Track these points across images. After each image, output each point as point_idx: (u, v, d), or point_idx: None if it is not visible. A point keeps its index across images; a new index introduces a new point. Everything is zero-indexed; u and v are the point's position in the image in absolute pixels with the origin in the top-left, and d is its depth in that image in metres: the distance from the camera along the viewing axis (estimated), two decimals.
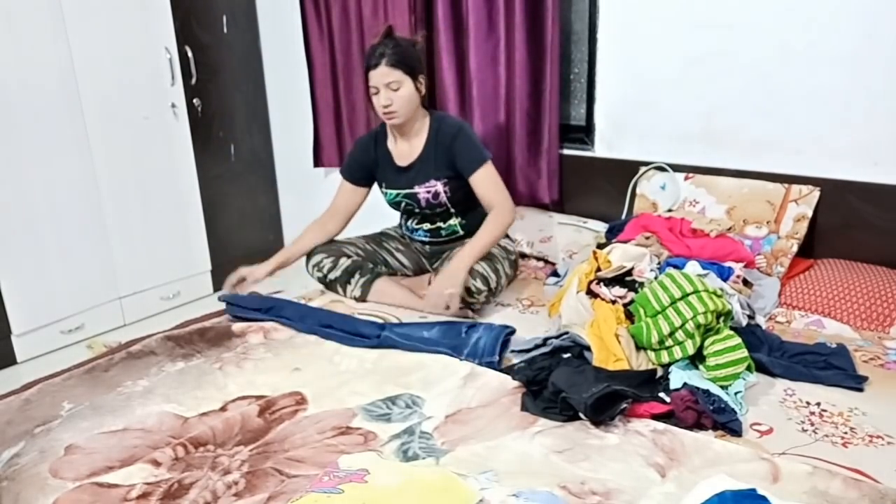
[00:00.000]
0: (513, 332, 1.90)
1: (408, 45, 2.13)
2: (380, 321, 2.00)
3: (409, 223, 2.40)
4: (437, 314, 2.05)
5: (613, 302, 1.80)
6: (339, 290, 2.26)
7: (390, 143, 2.27)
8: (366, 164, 2.31)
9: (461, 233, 2.32)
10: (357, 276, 2.23)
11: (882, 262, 2.15)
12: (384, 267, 2.35)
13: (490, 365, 1.75)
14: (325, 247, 2.30)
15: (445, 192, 2.22)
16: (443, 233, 2.33)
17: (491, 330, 1.87)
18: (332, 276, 2.25)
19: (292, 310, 2.06)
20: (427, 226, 2.34)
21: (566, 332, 1.77)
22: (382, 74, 2.06)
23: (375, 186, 2.38)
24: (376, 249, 2.37)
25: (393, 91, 2.07)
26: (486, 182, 2.16)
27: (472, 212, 2.28)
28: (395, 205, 2.34)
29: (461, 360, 1.76)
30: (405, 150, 2.24)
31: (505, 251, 2.27)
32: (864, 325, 1.92)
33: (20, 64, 2.64)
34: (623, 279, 1.89)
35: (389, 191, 2.31)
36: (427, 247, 2.40)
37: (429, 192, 2.23)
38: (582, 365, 1.64)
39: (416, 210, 2.30)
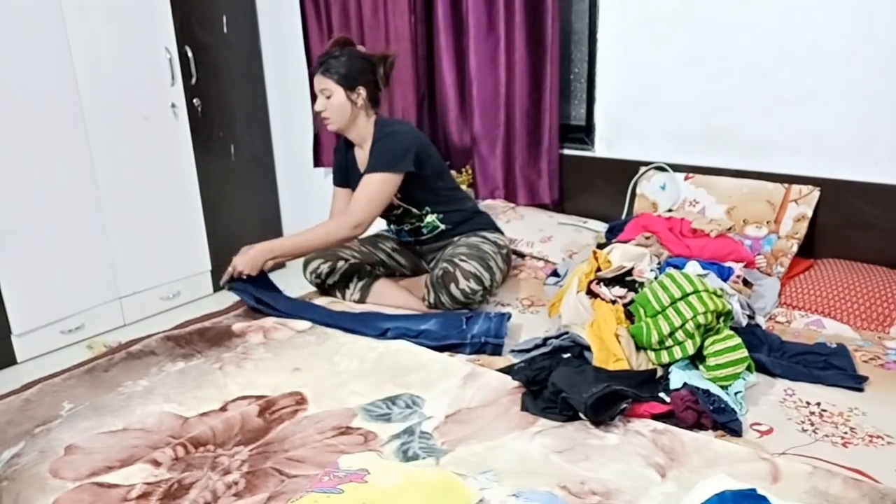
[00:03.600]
0: (510, 316, 1.96)
1: (350, 58, 2.13)
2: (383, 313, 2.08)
3: (391, 227, 2.42)
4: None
5: (613, 302, 1.80)
6: (338, 294, 2.26)
7: (356, 150, 2.29)
8: (342, 168, 2.35)
9: (443, 227, 2.29)
10: (355, 279, 2.23)
11: (882, 262, 2.15)
12: (382, 268, 2.35)
13: (496, 349, 1.85)
14: (321, 252, 2.29)
15: (396, 195, 2.20)
16: (424, 230, 2.32)
17: (490, 316, 1.95)
18: (330, 280, 2.25)
19: (298, 306, 2.10)
20: (406, 226, 2.34)
21: (566, 332, 1.77)
22: (318, 82, 2.14)
23: None
24: (372, 251, 2.37)
25: (326, 98, 2.14)
26: (363, 187, 2.12)
27: (444, 205, 2.27)
28: None
29: (467, 343, 1.86)
30: (361, 155, 2.26)
31: (496, 246, 2.25)
32: (864, 325, 1.92)
33: (20, 64, 2.64)
34: (623, 279, 1.89)
35: None
36: (417, 246, 2.40)
37: None
38: (582, 365, 1.64)
39: (384, 213, 2.29)
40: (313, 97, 2.23)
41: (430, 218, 2.29)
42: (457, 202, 2.32)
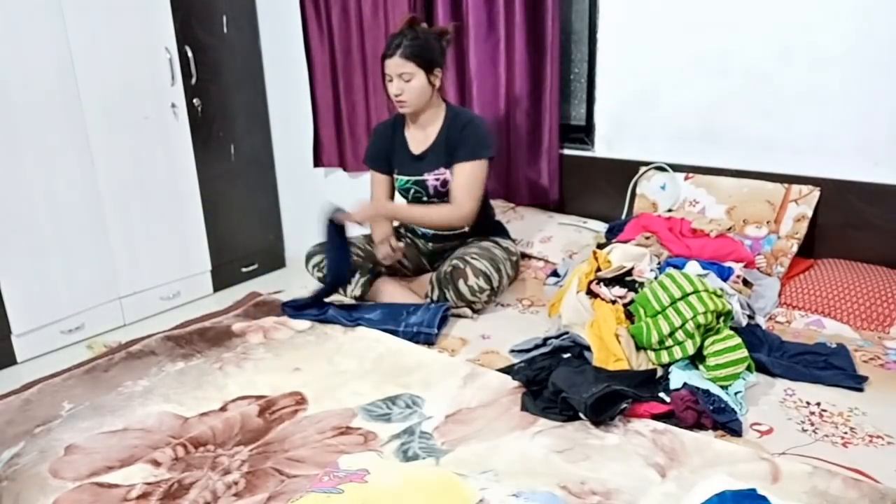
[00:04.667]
0: (447, 308, 2.06)
1: (428, 38, 2.15)
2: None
3: None
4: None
5: (613, 302, 1.80)
6: (340, 289, 2.27)
7: (407, 131, 2.29)
8: (384, 150, 2.34)
9: (465, 229, 2.31)
10: (357, 275, 2.23)
11: (882, 262, 2.14)
12: (384, 266, 2.35)
13: (428, 337, 1.93)
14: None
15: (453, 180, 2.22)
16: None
17: (429, 308, 2.02)
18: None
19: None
20: None
21: (566, 332, 1.78)
22: (396, 65, 2.10)
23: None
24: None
25: (405, 82, 2.11)
26: (463, 177, 2.17)
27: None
28: (404, 192, 2.34)
29: (400, 332, 1.94)
30: (420, 138, 2.27)
31: (507, 252, 2.27)
32: (864, 325, 1.92)
33: (20, 64, 2.64)
34: (623, 279, 1.89)
35: (401, 177, 2.32)
36: (430, 244, 2.39)
37: (437, 179, 2.24)
38: (582, 365, 1.64)
39: (424, 199, 2.30)
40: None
41: None
42: (486, 208, 2.34)
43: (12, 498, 1.31)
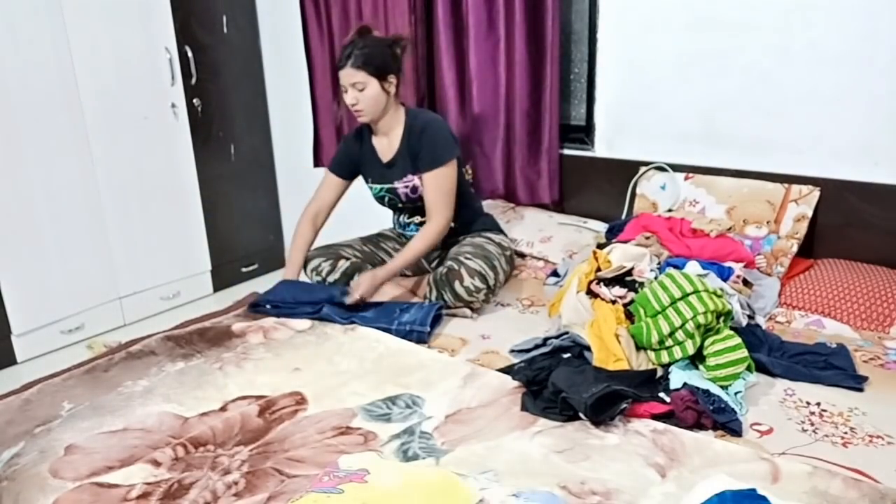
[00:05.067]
0: (440, 306, 2.05)
1: (378, 46, 2.13)
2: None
3: (400, 219, 2.41)
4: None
5: (613, 302, 1.80)
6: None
7: (374, 139, 2.29)
8: (352, 159, 2.34)
9: (452, 225, 2.30)
10: (356, 277, 2.23)
11: (882, 262, 2.14)
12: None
13: (420, 335, 1.93)
14: (323, 250, 2.30)
15: (423, 185, 2.21)
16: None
17: (422, 307, 2.02)
18: (330, 279, 2.25)
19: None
20: (417, 219, 2.34)
21: (566, 332, 1.77)
22: (348, 75, 2.10)
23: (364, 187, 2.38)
24: (374, 251, 2.37)
25: (359, 91, 2.10)
26: (432, 187, 2.16)
27: (459, 205, 2.26)
28: (379, 199, 2.36)
29: (393, 330, 1.94)
30: (385, 145, 2.26)
31: (500, 247, 2.26)
32: (864, 325, 1.92)
33: (20, 64, 2.64)
34: (623, 279, 1.89)
35: (374, 185, 2.33)
36: None
37: (406, 186, 2.24)
38: (582, 365, 1.64)
39: (399, 205, 2.31)
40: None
41: None
42: (468, 201, 2.34)
43: (12, 498, 1.31)
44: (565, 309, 1.83)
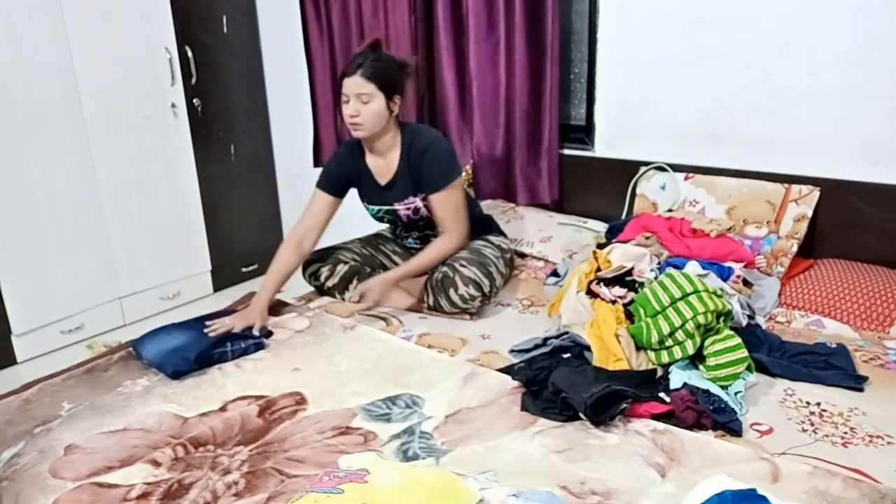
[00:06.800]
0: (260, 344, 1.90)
1: (390, 63, 2.07)
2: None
3: (398, 231, 2.40)
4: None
5: (613, 302, 1.80)
6: (337, 296, 2.26)
7: (368, 159, 2.20)
8: (345, 177, 2.23)
9: None
10: (355, 281, 2.23)
11: (882, 262, 2.14)
12: (381, 270, 2.33)
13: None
14: (321, 254, 2.29)
15: (425, 205, 2.18)
16: (433, 240, 2.24)
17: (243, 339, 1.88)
18: (329, 283, 2.25)
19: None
20: (416, 233, 2.33)
21: (566, 332, 1.77)
22: (355, 84, 2.00)
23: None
24: (373, 253, 2.37)
25: (363, 103, 2.01)
26: (444, 207, 2.13)
27: None
28: (378, 219, 2.32)
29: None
30: (382, 166, 2.19)
31: (499, 250, 2.25)
32: (864, 325, 1.92)
33: (20, 64, 2.64)
34: (623, 279, 1.89)
35: (371, 206, 2.28)
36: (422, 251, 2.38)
37: (408, 208, 2.20)
38: (582, 365, 1.64)
39: (399, 224, 2.29)
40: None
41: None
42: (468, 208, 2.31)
43: (12, 498, 1.31)
44: (565, 309, 1.83)
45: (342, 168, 2.23)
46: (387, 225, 2.46)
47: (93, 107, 2.88)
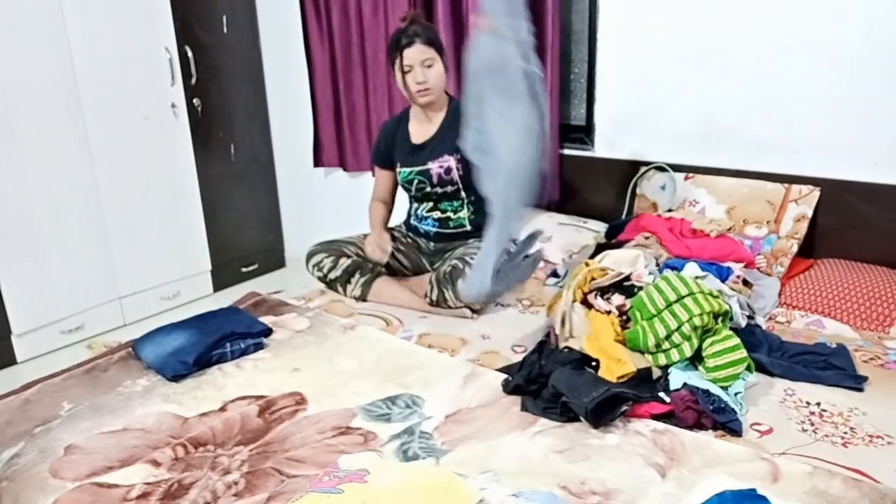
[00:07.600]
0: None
1: (435, 30, 2.25)
2: None
3: (419, 210, 2.39)
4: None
5: (608, 312, 1.77)
6: (340, 289, 2.27)
7: (411, 125, 2.33)
8: (387, 146, 2.37)
9: (468, 228, 2.30)
10: (357, 275, 2.23)
11: (882, 262, 2.14)
12: (383, 267, 2.35)
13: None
14: (325, 246, 2.30)
15: (458, 168, 2.21)
16: (451, 224, 2.31)
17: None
18: (332, 275, 2.25)
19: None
20: (437, 214, 2.33)
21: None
22: (419, 52, 2.12)
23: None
24: None
25: (427, 68, 2.14)
26: None
27: (478, 204, 2.24)
28: (408, 184, 2.33)
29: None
30: (423, 129, 2.30)
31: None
32: (864, 325, 1.92)
33: (20, 64, 2.64)
34: (621, 285, 1.85)
35: (403, 169, 2.33)
36: (432, 243, 2.38)
37: (441, 167, 2.24)
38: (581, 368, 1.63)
39: (429, 189, 2.29)
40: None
41: (463, 213, 2.30)
42: (483, 206, 2.31)
43: (12, 498, 1.31)
44: (568, 322, 1.79)
45: (385, 142, 2.39)
46: (397, 220, 2.48)
47: (93, 107, 2.88)
